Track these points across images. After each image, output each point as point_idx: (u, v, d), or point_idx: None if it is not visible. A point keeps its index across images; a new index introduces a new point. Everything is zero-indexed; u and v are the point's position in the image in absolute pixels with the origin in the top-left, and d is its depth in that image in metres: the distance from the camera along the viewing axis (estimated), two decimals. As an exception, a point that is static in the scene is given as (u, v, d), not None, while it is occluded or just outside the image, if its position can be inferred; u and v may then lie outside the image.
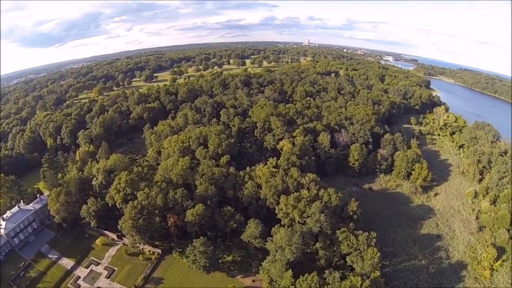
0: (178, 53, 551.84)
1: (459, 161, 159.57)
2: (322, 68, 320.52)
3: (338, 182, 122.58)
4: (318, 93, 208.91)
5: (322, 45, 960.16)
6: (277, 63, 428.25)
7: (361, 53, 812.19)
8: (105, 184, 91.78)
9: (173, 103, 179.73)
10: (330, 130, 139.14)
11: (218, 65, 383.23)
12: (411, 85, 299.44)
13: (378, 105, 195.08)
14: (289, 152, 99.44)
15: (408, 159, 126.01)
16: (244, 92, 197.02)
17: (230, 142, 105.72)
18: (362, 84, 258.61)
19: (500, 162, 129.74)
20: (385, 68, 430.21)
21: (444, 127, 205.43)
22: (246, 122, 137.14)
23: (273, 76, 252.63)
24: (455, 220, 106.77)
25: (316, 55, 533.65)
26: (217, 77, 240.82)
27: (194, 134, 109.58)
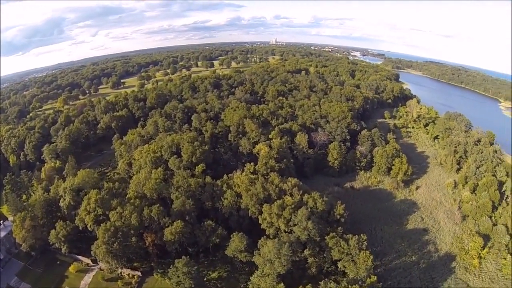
0: (145, 58, 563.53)
1: (435, 153, 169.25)
2: (292, 66, 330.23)
3: (319, 183, 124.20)
4: (290, 92, 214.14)
5: (290, 43, 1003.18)
6: (245, 63, 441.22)
7: (329, 50, 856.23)
8: (73, 205, 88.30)
9: (142, 110, 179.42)
10: (307, 129, 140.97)
11: (186, 68, 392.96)
12: (382, 79, 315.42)
13: (351, 101, 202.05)
14: (266, 156, 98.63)
15: (387, 155, 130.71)
16: (215, 94, 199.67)
17: (204, 149, 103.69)
18: (333, 81, 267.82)
19: (476, 151, 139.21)
20: (354, 63, 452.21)
21: (417, 120, 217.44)
22: (219, 126, 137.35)
23: (243, 76, 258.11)
24: (438, 212, 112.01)
25: (284, 53, 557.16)
26: (186, 81, 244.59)
27: (166, 142, 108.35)
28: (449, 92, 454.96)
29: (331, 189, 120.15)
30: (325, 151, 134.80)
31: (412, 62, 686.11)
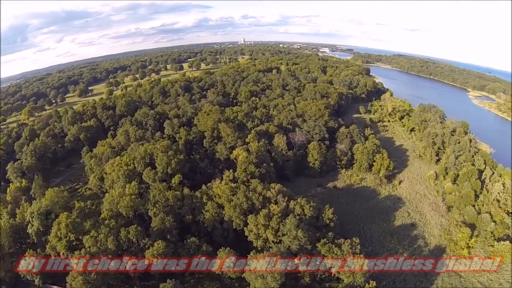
0: (113, 63, 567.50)
1: (413, 145, 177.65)
2: (263, 65, 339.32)
3: (301, 185, 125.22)
4: (263, 92, 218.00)
5: (258, 42, 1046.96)
6: (215, 65, 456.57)
7: (297, 47, 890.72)
8: (43, 230, 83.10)
9: (111, 118, 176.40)
10: (284, 130, 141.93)
11: (155, 72, 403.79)
12: (354, 74, 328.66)
13: (326, 98, 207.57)
14: (245, 161, 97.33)
15: (368, 151, 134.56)
16: (186, 98, 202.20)
17: (180, 158, 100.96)
18: (306, 78, 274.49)
19: (453, 142, 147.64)
20: (324, 59, 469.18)
21: (393, 113, 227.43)
22: (192, 132, 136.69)
23: (214, 78, 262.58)
24: (423, 205, 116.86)
25: (254, 52, 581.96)
26: (156, 85, 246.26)
27: (139, 153, 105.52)
28: (419, 84, 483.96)
29: (314, 191, 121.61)
30: (304, 151, 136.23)
31: (381, 56, 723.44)
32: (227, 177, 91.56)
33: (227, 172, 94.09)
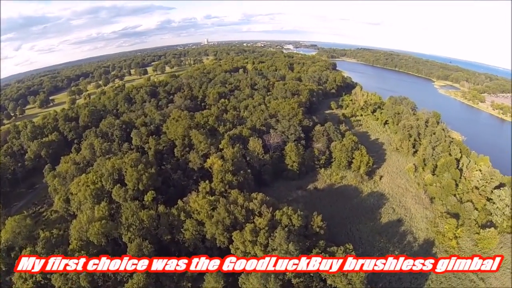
0: (75, 70, 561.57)
1: (389, 138, 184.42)
2: (229, 65, 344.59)
3: (280, 190, 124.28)
4: (232, 93, 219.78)
5: (222, 42, 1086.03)
6: (180, 67, 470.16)
7: (261, 45, 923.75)
8: (5, 270, 74.88)
9: (75, 131, 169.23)
10: (258, 132, 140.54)
11: (119, 78, 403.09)
12: (322, 70, 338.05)
13: (297, 95, 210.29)
14: (221, 170, 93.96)
15: (346, 149, 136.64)
16: (153, 104, 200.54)
17: (151, 172, 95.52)
18: (274, 76, 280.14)
19: (429, 133, 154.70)
20: (290, 56, 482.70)
21: (365, 107, 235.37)
22: (162, 141, 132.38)
23: (179, 81, 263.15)
24: (406, 198, 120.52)
25: (218, 52, 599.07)
26: (120, 92, 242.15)
27: (106, 169, 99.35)
28: (386, 76, 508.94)
29: (295, 194, 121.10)
30: (281, 153, 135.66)
31: (346, 50, 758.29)
32: (203, 189, 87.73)
33: (203, 183, 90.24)
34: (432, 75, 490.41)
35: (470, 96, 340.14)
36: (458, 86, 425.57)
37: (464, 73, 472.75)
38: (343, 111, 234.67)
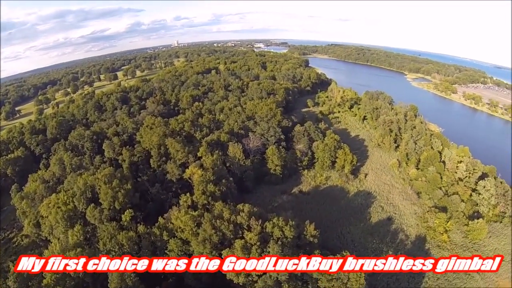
0: (42, 77, 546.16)
1: (369, 134, 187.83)
2: (200, 67, 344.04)
3: (264, 195, 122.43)
4: (205, 95, 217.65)
5: (192, 44, 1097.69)
6: (151, 70, 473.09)
7: (232, 45, 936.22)
8: None
9: (42, 144, 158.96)
10: (236, 136, 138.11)
11: (88, 84, 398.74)
12: (295, 67, 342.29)
13: (273, 95, 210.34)
14: (202, 180, 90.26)
15: (329, 148, 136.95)
16: (124, 111, 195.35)
17: (127, 189, 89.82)
18: (248, 76, 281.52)
19: (409, 127, 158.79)
20: (262, 55, 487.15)
21: (342, 103, 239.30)
22: (136, 151, 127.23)
23: (151, 85, 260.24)
24: (394, 195, 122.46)
25: (189, 54, 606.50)
26: (89, 99, 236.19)
27: (77, 187, 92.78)
28: (359, 71, 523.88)
29: (280, 200, 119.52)
30: (262, 157, 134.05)
31: (317, 47, 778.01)
32: (184, 203, 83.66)
33: (184, 197, 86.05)
34: (403, 68, 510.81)
35: (442, 88, 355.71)
36: (429, 78, 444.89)
37: (435, 65, 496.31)
38: (320, 109, 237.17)
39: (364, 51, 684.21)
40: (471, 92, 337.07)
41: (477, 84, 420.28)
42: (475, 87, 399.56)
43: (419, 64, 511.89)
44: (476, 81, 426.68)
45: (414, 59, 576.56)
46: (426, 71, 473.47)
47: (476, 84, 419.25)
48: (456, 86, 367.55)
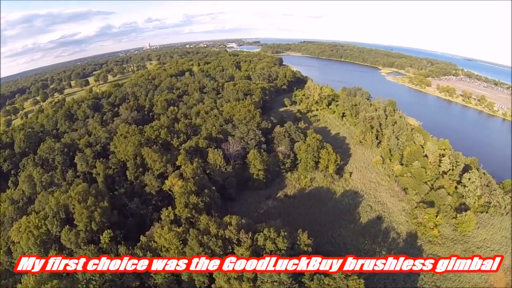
0: (10, 86, 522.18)
1: (350, 131, 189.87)
2: (174, 69, 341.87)
3: (248, 202, 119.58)
4: (180, 99, 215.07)
5: (164, 46, 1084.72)
6: (123, 75, 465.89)
7: (204, 45, 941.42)
8: None
9: (10, 160, 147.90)
10: (215, 141, 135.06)
11: (58, 91, 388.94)
12: (270, 66, 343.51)
13: (249, 95, 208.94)
14: (183, 192, 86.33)
15: (312, 149, 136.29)
16: (97, 120, 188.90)
17: (104, 206, 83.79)
18: (222, 77, 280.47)
19: (390, 123, 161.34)
20: (235, 55, 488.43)
21: (319, 101, 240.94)
22: (111, 163, 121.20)
23: (124, 91, 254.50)
24: (381, 193, 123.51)
25: (161, 56, 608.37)
26: (60, 108, 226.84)
27: (49, 208, 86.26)
28: (333, 67, 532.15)
29: (266, 206, 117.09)
30: (243, 161, 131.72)
31: (290, 45, 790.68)
32: (166, 217, 79.63)
33: (165, 211, 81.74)
34: (377, 63, 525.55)
35: (417, 81, 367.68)
36: (403, 72, 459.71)
37: (408, 59, 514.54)
38: (298, 107, 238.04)
39: (338, 47, 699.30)
40: (445, 84, 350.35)
41: (449, 76, 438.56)
42: (448, 79, 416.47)
43: (392, 59, 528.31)
44: (449, 74, 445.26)
45: (387, 54, 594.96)
46: (399, 65, 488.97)
47: (448, 76, 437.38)
48: (430, 79, 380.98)
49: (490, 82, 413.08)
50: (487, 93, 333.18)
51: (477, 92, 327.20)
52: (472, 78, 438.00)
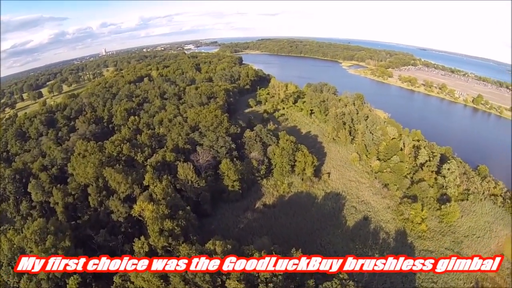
0: None
1: (321, 129, 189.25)
2: (132, 75, 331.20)
3: (225, 217, 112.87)
4: (141, 107, 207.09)
5: (121, 51, 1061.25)
6: (79, 84, 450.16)
7: (162, 49, 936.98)
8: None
9: None
10: (183, 153, 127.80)
11: (10, 106, 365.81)
12: (231, 66, 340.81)
13: (213, 98, 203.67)
14: (155, 217, 78.21)
15: (287, 152, 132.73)
16: (51, 137, 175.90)
17: (66, 246, 73.27)
18: (183, 81, 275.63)
19: (362, 117, 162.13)
20: (194, 56, 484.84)
21: (285, 99, 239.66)
22: (71, 188, 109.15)
23: (80, 102, 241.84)
24: (363, 192, 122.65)
25: (118, 62, 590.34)
26: (10, 125, 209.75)
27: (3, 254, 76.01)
28: (294, 63, 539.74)
29: (245, 219, 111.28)
30: (215, 172, 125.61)
31: (248, 43, 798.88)
32: (140, 249, 71.66)
33: (138, 242, 73.29)
34: (338, 57, 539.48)
35: (379, 73, 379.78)
36: (364, 65, 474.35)
37: (367, 52, 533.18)
38: (264, 107, 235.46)
39: (297, 43, 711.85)
40: (406, 74, 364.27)
41: (408, 66, 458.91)
42: (408, 70, 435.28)
43: (352, 52, 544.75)
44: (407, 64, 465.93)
45: (346, 47, 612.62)
46: (359, 58, 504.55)
47: (407, 66, 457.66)
48: (391, 70, 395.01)
49: (447, 70, 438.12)
50: (447, 81, 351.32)
51: (437, 80, 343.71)
52: (430, 67, 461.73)
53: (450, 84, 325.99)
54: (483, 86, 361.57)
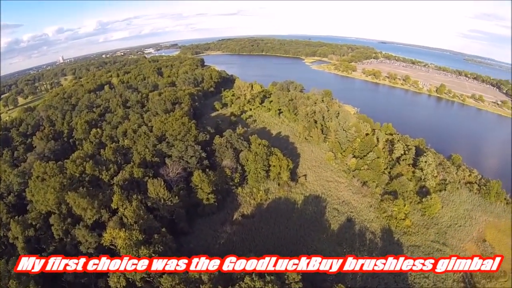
0: None
1: (291, 129, 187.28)
2: (91, 83, 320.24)
3: (203, 233, 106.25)
4: (103, 118, 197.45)
5: (79, 58, 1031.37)
6: (35, 95, 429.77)
7: (121, 54, 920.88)
8: None
9: None
10: (151, 167, 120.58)
11: None
12: (193, 69, 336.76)
13: (178, 104, 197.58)
14: (130, 245, 71.33)
15: (261, 157, 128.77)
16: (6, 159, 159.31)
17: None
18: (146, 87, 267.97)
19: (333, 114, 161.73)
20: (154, 60, 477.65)
21: (251, 99, 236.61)
22: (31, 218, 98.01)
23: (37, 115, 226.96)
24: (342, 192, 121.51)
25: (77, 70, 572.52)
26: None
27: None
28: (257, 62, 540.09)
29: (225, 234, 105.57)
30: (187, 185, 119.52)
31: (209, 44, 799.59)
32: (117, 284, 64.58)
33: (113, 276, 66.24)
34: (300, 53, 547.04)
35: (343, 68, 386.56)
36: (327, 60, 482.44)
37: (328, 47, 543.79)
38: (230, 110, 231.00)
39: (258, 41, 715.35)
40: (369, 68, 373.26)
41: (370, 59, 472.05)
42: (370, 63, 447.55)
43: (314, 48, 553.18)
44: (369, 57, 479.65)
45: (307, 44, 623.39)
46: (322, 54, 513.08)
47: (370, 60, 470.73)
48: (354, 64, 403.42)
49: (408, 61, 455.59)
50: (409, 72, 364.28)
51: (400, 72, 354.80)
52: (391, 59, 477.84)
53: (412, 75, 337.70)
54: (444, 75, 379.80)
